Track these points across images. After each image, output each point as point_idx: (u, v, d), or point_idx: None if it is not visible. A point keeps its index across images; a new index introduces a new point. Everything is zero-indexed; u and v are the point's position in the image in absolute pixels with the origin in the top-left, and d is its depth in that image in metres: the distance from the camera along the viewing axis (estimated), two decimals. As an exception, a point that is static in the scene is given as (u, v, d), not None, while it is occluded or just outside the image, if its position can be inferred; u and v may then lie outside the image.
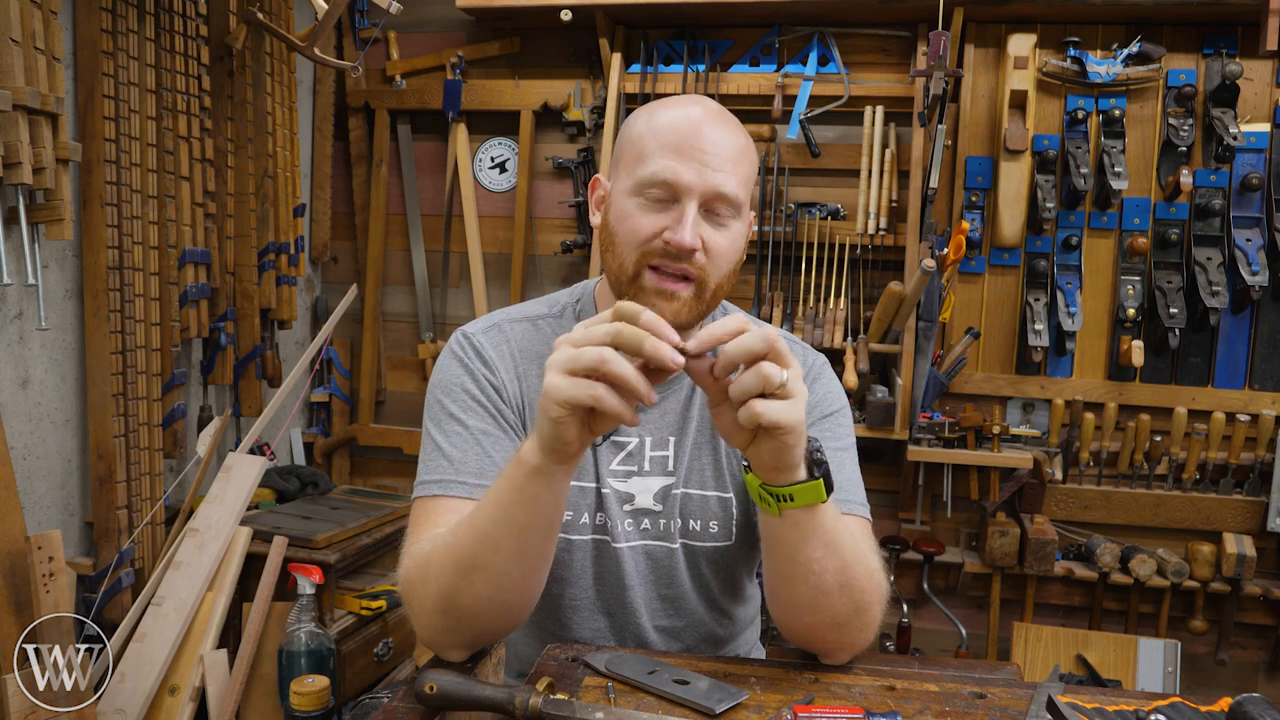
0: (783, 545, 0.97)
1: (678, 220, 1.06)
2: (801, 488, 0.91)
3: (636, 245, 1.08)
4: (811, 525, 0.94)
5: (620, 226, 1.10)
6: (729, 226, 1.10)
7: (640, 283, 1.09)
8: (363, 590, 2.24)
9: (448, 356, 1.20)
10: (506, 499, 0.93)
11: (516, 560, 0.95)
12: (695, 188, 1.06)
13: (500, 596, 0.97)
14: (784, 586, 1.01)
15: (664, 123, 1.09)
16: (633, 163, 1.10)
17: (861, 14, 2.53)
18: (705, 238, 1.07)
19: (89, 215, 1.94)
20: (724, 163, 1.07)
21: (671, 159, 1.06)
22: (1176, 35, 2.43)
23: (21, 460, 1.88)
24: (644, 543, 1.20)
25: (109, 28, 1.93)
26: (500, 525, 0.94)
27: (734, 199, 1.08)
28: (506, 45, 2.83)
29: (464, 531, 0.97)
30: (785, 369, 0.85)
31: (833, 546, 0.96)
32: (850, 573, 0.99)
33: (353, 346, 3.00)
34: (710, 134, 1.07)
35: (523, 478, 0.91)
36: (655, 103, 1.16)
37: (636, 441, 1.20)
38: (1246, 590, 2.40)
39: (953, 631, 2.61)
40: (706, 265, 1.08)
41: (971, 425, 2.42)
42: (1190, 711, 0.92)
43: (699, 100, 1.13)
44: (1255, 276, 2.31)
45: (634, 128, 1.13)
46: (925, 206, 2.36)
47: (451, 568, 0.98)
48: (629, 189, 1.09)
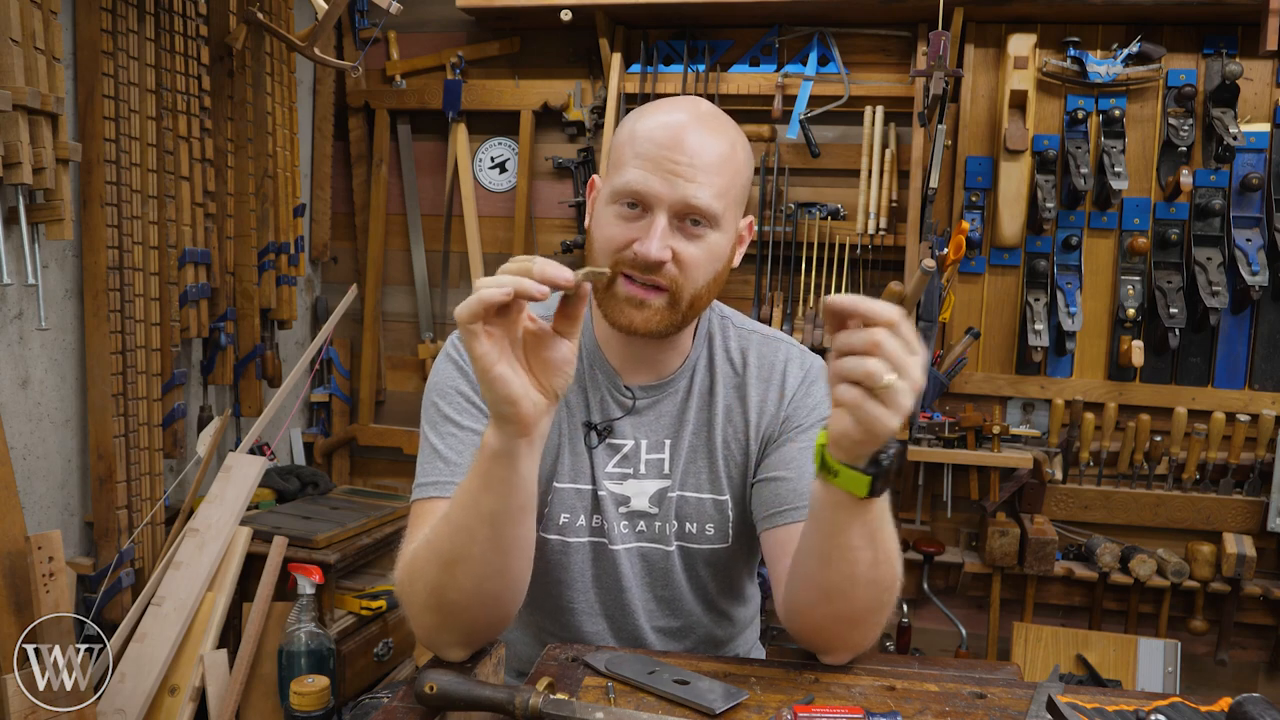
0: (823, 523, 0.95)
1: (645, 231, 1.06)
2: (850, 473, 0.89)
3: (610, 254, 1.08)
4: (857, 512, 0.92)
5: (597, 234, 1.11)
6: (704, 238, 1.08)
7: (613, 289, 1.09)
8: (363, 590, 2.24)
9: (443, 359, 1.20)
10: (475, 487, 0.94)
11: (493, 548, 0.95)
12: (665, 199, 1.05)
13: (484, 586, 0.97)
14: (817, 567, 0.99)
15: (645, 130, 1.08)
16: (614, 169, 1.10)
17: (861, 14, 2.53)
18: (677, 249, 1.07)
19: (89, 215, 1.94)
20: (699, 173, 1.06)
21: (644, 169, 1.05)
22: (1176, 35, 2.43)
23: (21, 460, 1.88)
24: (640, 545, 1.20)
25: (109, 28, 1.93)
26: (472, 514, 0.94)
27: (706, 210, 1.06)
28: (506, 45, 2.83)
29: (442, 526, 0.98)
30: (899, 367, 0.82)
31: (873, 540, 0.95)
32: (880, 570, 0.97)
33: (353, 346, 3.00)
34: (690, 142, 1.06)
35: (486, 463, 0.92)
36: (648, 105, 1.15)
37: (632, 444, 1.20)
38: (1246, 590, 2.40)
39: (953, 631, 2.61)
40: (678, 276, 1.08)
41: (971, 425, 2.42)
42: (1190, 711, 0.92)
43: (689, 105, 1.12)
44: (1255, 276, 2.31)
45: (622, 132, 1.12)
46: (925, 206, 2.36)
47: (435, 564, 0.98)
48: (608, 196, 1.10)
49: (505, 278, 0.84)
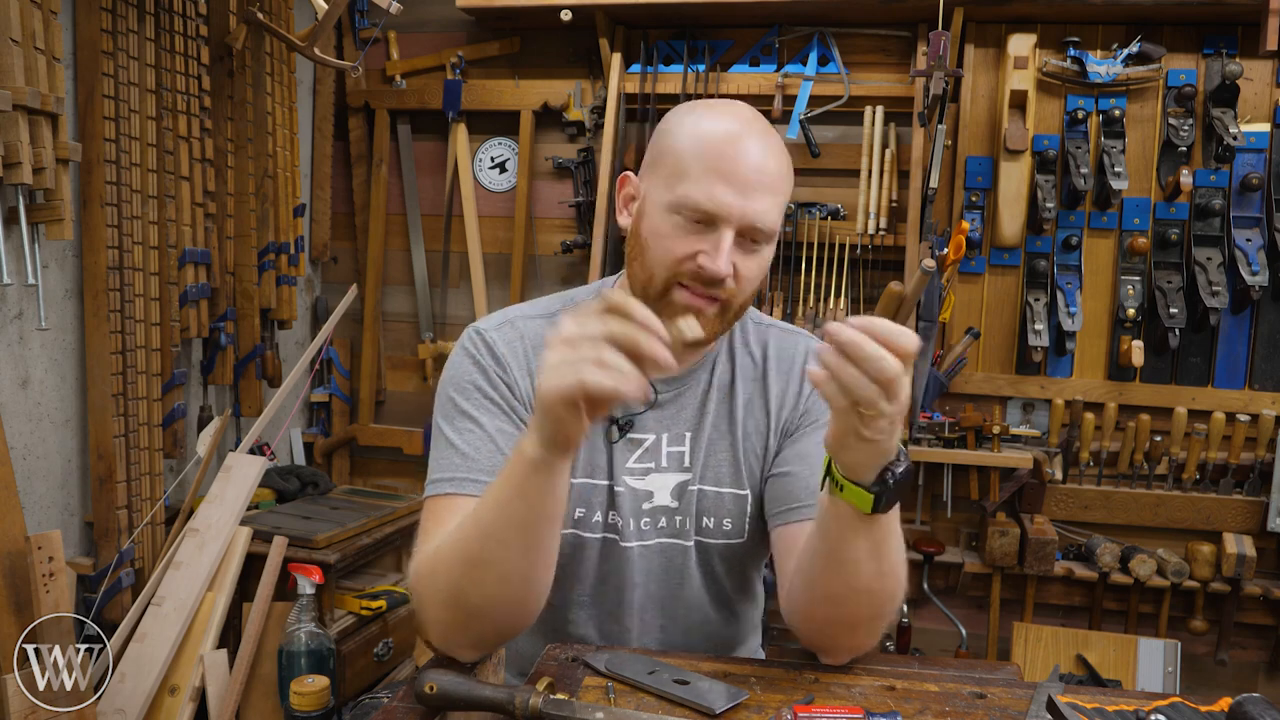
0: (829, 531, 0.96)
1: (714, 248, 1.05)
2: (854, 490, 0.89)
3: (669, 265, 1.07)
4: (863, 525, 0.93)
5: (654, 242, 1.09)
6: (760, 252, 1.10)
7: (669, 298, 1.08)
8: (363, 590, 2.24)
9: (460, 353, 1.19)
10: (509, 494, 0.93)
11: (523, 554, 0.95)
12: (734, 218, 1.05)
13: (509, 591, 0.97)
14: (820, 572, 0.99)
15: (707, 137, 1.07)
16: (671, 176, 1.08)
17: (861, 14, 2.53)
18: (737, 264, 1.07)
19: (89, 215, 1.94)
20: (765, 192, 1.06)
21: (714, 185, 1.04)
22: (1176, 35, 2.43)
23: (21, 460, 1.88)
24: (659, 541, 1.20)
25: (109, 28, 1.93)
26: (504, 520, 0.94)
27: (770, 231, 1.08)
28: (506, 45, 2.83)
29: (469, 527, 0.97)
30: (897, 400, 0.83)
31: (877, 553, 0.95)
32: (884, 582, 0.98)
33: (353, 346, 3.00)
34: (755, 158, 1.06)
35: (523, 472, 0.91)
36: (697, 105, 1.14)
37: (653, 438, 1.20)
38: (1246, 590, 2.40)
39: (953, 631, 2.61)
40: (735, 290, 1.09)
41: (971, 425, 2.42)
42: (1190, 711, 0.92)
43: (738, 112, 1.10)
44: (1255, 276, 2.31)
45: (675, 135, 1.10)
46: (925, 206, 2.36)
47: (459, 565, 0.97)
48: (666, 204, 1.07)
49: (610, 376, 0.81)
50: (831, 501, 0.93)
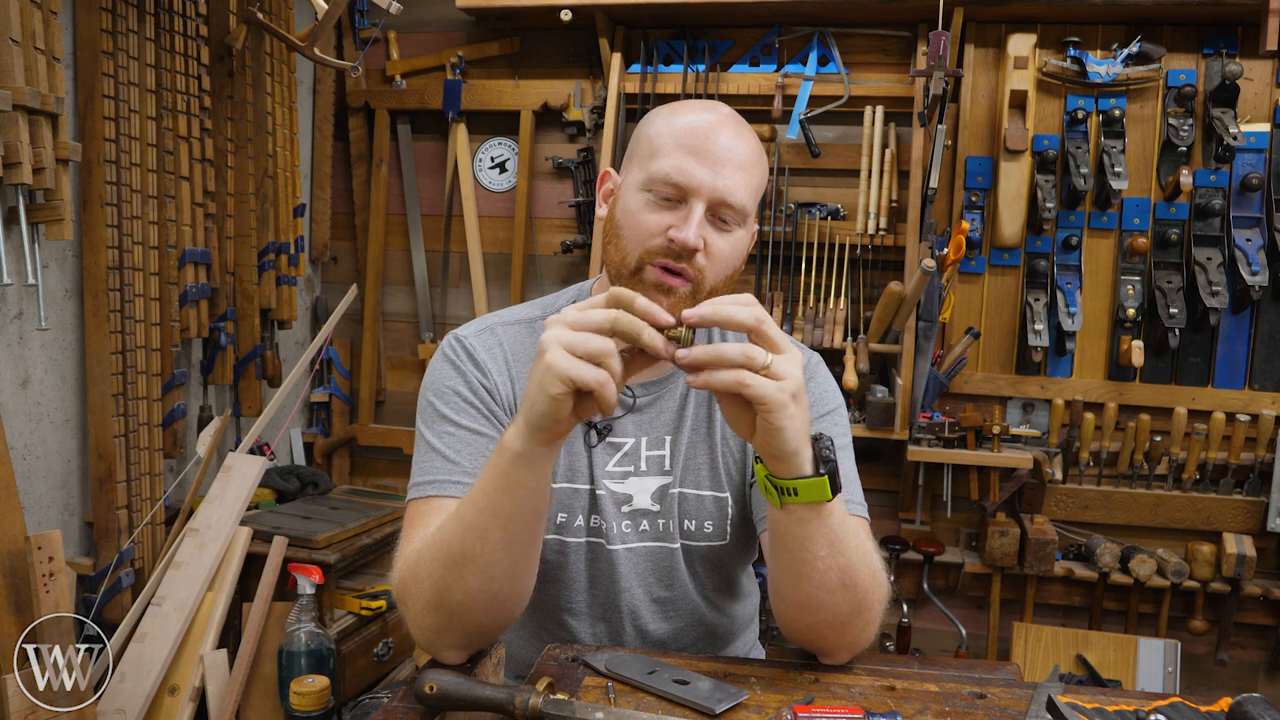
0: (788, 541, 0.97)
1: (684, 219, 1.07)
2: (806, 483, 0.91)
3: (641, 240, 1.09)
4: (817, 523, 0.95)
5: (626, 220, 1.11)
6: (732, 232, 1.11)
7: (641, 275, 1.10)
8: (363, 590, 2.24)
9: (439, 359, 1.21)
10: (492, 488, 0.94)
11: (505, 549, 0.95)
12: (704, 190, 1.07)
13: (491, 588, 0.97)
14: (789, 584, 1.01)
15: (681, 124, 1.11)
16: (646, 158, 1.11)
17: (861, 14, 2.53)
18: (708, 240, 1.08)
19: (89, 215, 1.94)
20: (735, 170, 1.08)
21: (684, 159, 1.07)
22: (1176, 35, 2.43)
23: (21, 460, 1.88)
24: (644, 544, 1.20)
25: (109, 28, 1.93)
26: (487, 515, 0.94)
27: (740, 207, 1.10)
28: (506, 45, 2.83)
29: (451, 525, 0.98)
30: (775, 353, 0.88)
31: (837, 545, 0.97)
32: (854, 572, 0.99)
33: (353, 346, 3.00)
34: (725, 140, 1.09)
35: (507, 464, 0.92)
36: (675, 104, 1.17)
37: (632, 442, 1.20)
38: (1246, 590, 2.40)
39: (953, 631, 2.61)
40: (706, 267, 1.09)
41: (971, 425, 2.42)
42: (1190, 711, 0.92)
43: (716, 106, 1.15)
44: (1255, 276, 2.31)
45: (651, 125, 1.14)
46: (925, 206, 2.36)
47: (441, 563, 0.98)
48: (639, 183, 1.10)
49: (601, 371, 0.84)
50: (785, 513, 0.95)
